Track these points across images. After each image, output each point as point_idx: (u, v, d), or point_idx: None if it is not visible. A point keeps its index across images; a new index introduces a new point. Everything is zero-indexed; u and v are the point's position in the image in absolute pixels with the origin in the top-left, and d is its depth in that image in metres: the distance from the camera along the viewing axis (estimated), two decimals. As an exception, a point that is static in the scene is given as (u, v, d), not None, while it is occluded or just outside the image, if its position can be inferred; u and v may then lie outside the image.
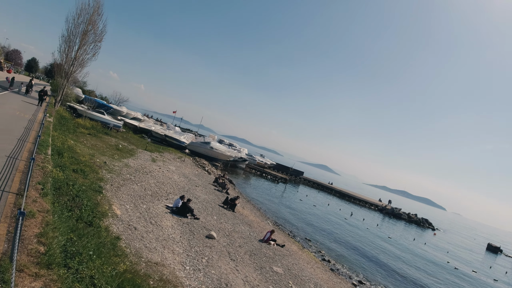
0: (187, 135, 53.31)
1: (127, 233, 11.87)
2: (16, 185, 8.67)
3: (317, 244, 26.64)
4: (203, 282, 10.74)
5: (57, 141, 17.43)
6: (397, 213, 75.02)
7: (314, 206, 49.54)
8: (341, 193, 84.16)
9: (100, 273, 7.01)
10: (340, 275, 20.23)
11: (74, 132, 25.83)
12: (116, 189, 16.23)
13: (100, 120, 37.66)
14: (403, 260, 31.12)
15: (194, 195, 22.66)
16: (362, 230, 41.27)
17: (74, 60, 31.49)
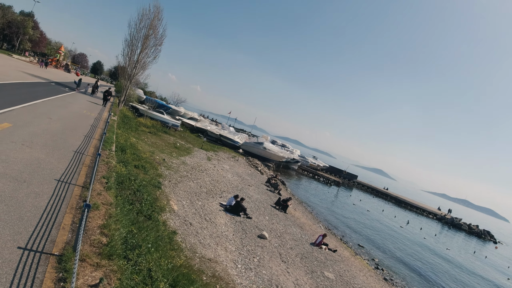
0: (241, 135, 54.07)
1: (183, 228, 12.23)
2: (82, 178, 9.27)
3: (370, 251, 25.66)
4: (254, 282, 10.76)
5: (121, 139, 18.43)
6: (457, 223, 70.03)
7: (368, 211, 47.85)
8: (397, 200, 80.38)
9: (157, 266, 7.26)
10: (393, 285, 19.31)
11: (136, 130, 27.19)
12: (173, 185, 16.82)
13: (160, 120, 39.33)
14: (461, 273, 29.05)
15: (247, 194, 22.87)
16: (418, 240, 39.09)
17: (136, 63, 33.26)
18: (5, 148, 9.06)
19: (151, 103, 48.26)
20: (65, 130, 14.58)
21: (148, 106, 44.78)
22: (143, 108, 41.47)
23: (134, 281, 6.11)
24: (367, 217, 42.53)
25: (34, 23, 76.01)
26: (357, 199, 57.93)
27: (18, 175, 7.74)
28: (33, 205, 6.65)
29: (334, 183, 69.27)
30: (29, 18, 73.22)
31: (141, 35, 32.50)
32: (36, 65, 60.72)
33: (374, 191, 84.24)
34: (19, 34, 70.88)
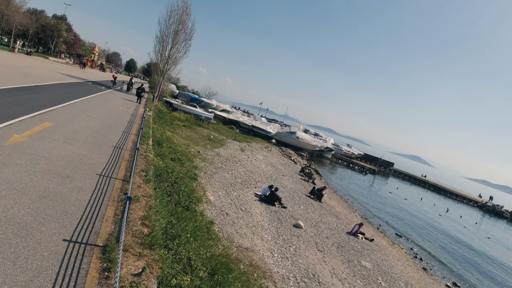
0: (273, 126, 54.06)
1: (220, 218, 12.47)
2: (122, 172, 9.63)
3: (409, 240, 25.07)
4: (290, 271, 10.84)
5: (157, 133, 18.95)
6: (499, 211, 66.65)
7: (405, 199, 46.67)
8: (435, 187, 77.78)
9: (197, 255, 7.46)
10: (433, 275, 18.80)
11: (170, 125, 27.82)
12: (209, 176, 17.13)
13: (193, 113, 40.01)
14: (502, 264, 27.78)
15: (281, 184, 22.92)
16: (459, 228, 37.75)
17: (168, 58, 33.91)
18: (48, 146, 9.53)
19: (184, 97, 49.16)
20: (104, 126, 15.15)
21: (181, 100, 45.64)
22: (176, 102, 42.31)
23: (175, 269, 6.32)
24: (405, 205, 41.51)
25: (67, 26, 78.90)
26: (394, 187, 56.59)
27: (61, 171, 8.13)
28: (76, 199, 6.96)
29: (370, 171, 67.98)
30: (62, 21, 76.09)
31: (171, 31, 33.07)
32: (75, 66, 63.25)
33: (412, 178, 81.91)
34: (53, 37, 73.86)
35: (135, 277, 5.08)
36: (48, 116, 13.33)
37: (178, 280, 6.02)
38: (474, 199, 75.20)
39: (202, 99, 57.66)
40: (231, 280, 7.67)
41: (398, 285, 14.19)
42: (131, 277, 5.05)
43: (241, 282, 8.13)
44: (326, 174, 43.58)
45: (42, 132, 10.73)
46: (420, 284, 15.62)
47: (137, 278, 5.08)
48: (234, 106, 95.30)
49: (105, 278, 4.90)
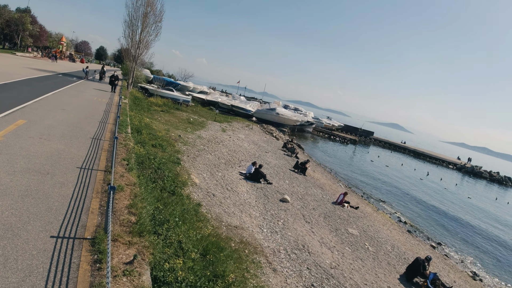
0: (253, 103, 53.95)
1: (207, 199, 12.55)
2: (103, 163, 9.50)
3: (392, 205, 25.88)
4: (280, 244, 11.09)
5: (135, 120, 18.65)
6: (477, 172, 69.36)
7: (387, 166, 47.81)
8: (415, 152, 79.79)
9: (187, 238, 7.54)
10: (417, 237, 19.55)
11: (148, 111, 27.40)
12: (192, 159, 17.10)
13: (170, 97, 39.41)
14: (484, 220, 29.14)
15: (264, 161, 23.09)
16: (439, 191, 39.09)
17: (139, 43, 32.98)
18: (24, 144, 9.29)
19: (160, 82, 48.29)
20: (80, 118, 14.82)
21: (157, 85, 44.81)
22: (152, 87, 41.53)
23: (166, 254, 6.39)
24: (387, 172, 42.58)
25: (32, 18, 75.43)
26: (375, 156, 57.78)
27: (40, 168, 7.97)
28: (59, 195, 6.86)
29: (351, 141, 69.02)
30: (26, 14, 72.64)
31: (140, 13, 32.05)
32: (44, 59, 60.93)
33: (392, 146, 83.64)
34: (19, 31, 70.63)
35: (127, 265, 5.12)
36: (21, 114, 12.92)
37: (171, 263, 6.10)
38: (453, 161, 77.68)
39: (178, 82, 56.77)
40: (223, 258, 7.80)
41: (384, 248, 14.72)
42: (123, 266, 5.09)
43: (233, 260, 8.29)
44: (308, 148, 44.05)
45: (17, 131, 10.42)
46: (406, 246, 16.24)
47: (129, 266, 5.12)
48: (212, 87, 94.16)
49: (97, 269, 4.91)
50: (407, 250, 15.61)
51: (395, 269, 12.92)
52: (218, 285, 6.65)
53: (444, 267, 15.23)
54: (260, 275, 8.53)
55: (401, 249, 15.45)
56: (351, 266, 11.49)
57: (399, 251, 15.01)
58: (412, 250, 15.82)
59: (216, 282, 6.72)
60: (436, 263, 15.12)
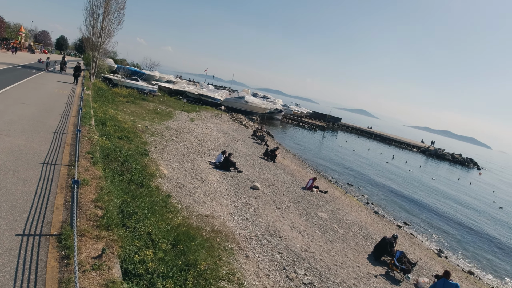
0: (221, 92, 53.61)
1: (176, 190, 12.48)
2: (66, 157, 9.25)
3: (360, 188, 26.72)
4: (252, 230, 11.23)
5: (99, 112, 18.14)
6: (441, 154, 72.90)
7: (354, 151, 49.13)
8: (381, 137, 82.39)
9: (157, 229, 7.51)
10: (384, 217, 20.36)
11: (113, 102, 26.68)
12: (160, 150, 16.89)
13: (136, 87, 38.46)
14: (447, 201, 30.71)
15: (234, 149, 23.12)
16: (404, 173, 40.74)
17: (101, 31, 31.74)
18: (-17, 141, 8.89)
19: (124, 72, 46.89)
20: (41, 112, 14.29)
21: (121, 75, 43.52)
22: (116, 77, 40.33)
23: (136, 246, 6.35)
24: (354, 156, 43.76)
25: (-12, 10, 70.99)
26: (343, 141, 59.16)
27: (1, 165, 7.69)
28: (23, 192, 6.68)
29: (319, 128, 70.19)
30: (-18, 6, 68.23)
31: (101, 0, 30.80)
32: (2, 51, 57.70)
33: (359, 131, 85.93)
34: (-27, 24, 66.38)
35: (96, 260, 5.08)
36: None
37: (141, 255, 6.09)
38: (417, 145, 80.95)
39: (143, 71, 55.45)
40: (194, 247, 7.84)
41: (353, 230, 15.22)
42: (92, 260, 5.05)
43: (205, 248, 8.34)
44: (278, 135, 44.44)
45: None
46: (373, 226, 16.86)
47: (98, 260, 5.08)
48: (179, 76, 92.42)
49: (65, 265, 4.87)
50: (374, 230, 16.21)
51: (364, 249, 13.41)
52: (190, 274, 6.69)
53: (411, 245, 15.95)
54: (232, 262, 8.64)
55: (369, 229, 16.03)
56: (321, 248, 11.82)
57: (367, 232, 15.57)
58: (380, 230, 16.45)
59: (188, 271, 6.76)
60: (402, 241, 15.81)
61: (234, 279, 7.81)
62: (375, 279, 11.03)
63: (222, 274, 7.74)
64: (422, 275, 12.61)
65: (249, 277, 8.27)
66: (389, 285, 11.02)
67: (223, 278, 7.65)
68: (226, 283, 7.51)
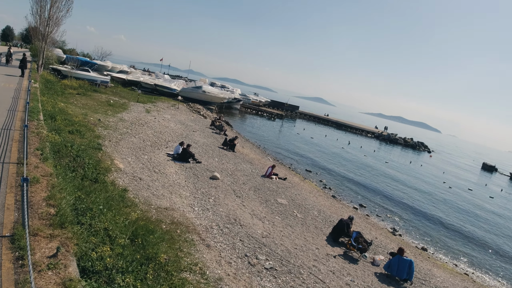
0: (178, 82, 52.54)
1: (133, 184, 12.25)
2: (15, 155, 8.80)
3: (318, 173, 27.52)
4: (213, 220, 11.31)
5: (48, 106, 17.29)
6: (393, 139, 76.57)
7: (312, 138, 50.26)
8: (337, 124, 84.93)
9: (114, 224, 7.38)
10: (341, 200, 21.18)
11: (62, 94, 25.45)
12: (115, 144, 16.42)
13: (87, 78, 36.80)
14: (400, 182, 32.37)
15: (193, 140, 22.93)
16: (359, 157, 42.35)
17: (48, 20, 29.96)
18: None
19: (74, 62, 44.62)
20: (-18, 107, 13.38)
21: (71, 66, 41.42)
22: (65, 69, 38.32)
23: (92, 243, 6.23)
24: (312, 143, 44.82)
25: None
26: (301, 129, 60.30)
27: None
28: (-31, 193, 6.34)
29: (278, 116, 70.96)
30: None
31: (49, -13, 28.98)
32: None
33: (316, 118, 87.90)
34: None
35: (51, 259, 5.02)
36: None
37: (99, 252, 6.00)
38: (372, 130, 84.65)
39: (94, 61, 53.07)
40: (154, 240, 7.80)
41: (312, 214, 15.72)
42: (47, 260, 4.99)
43: (165, 241, 8.32)
44: (236, 124, 44.48)
45: None
46: (331, 209, 17.51)
47: (53, 259, 5.02)
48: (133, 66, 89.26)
49: (20, 266, 4.78)
50: (332, 213, 16.84)
51: (322, 232, 13.94)
52: (151, 268, 6.67)
53: (367, 226, 16.78)
54: (194, 253, 8.69)
55: (327, 213, 16.63)
56: (281, 233, 12.14)
57: (325, 215, 16.15)
58: (337, 213, 17.11)
59: (148, 265, 6.74)
60: (359, 222, 16.58)
61: (196, 269, 7.88)
62: (334, 259, 11.53)
63: (184, 265, 7.78)
64: (378, 253, 13.34)
65: (211, 266, 8.37)
66: (347, 264, 11.56)
67: (185, 269, 7.69)
68: (189, 274, 7.57)
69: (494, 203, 33.67)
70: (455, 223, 22.57)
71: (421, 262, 13.91)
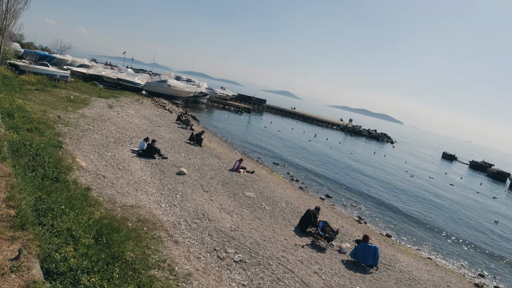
0: (141, 76, 51.32)
1: (97, 182, 11.98)
2: (-31, 156, 8.40)
3: (285, 166, 27.93)
4: (180, 216, 11.28)
5: (4, 103, 16.53)
6: (358, 130, 79.12)
7: (279, 131, 50.79)
8: (304, 117, 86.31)
9: (77, 224, 7.24)
10: (309, 191, 21.66)
11: (20, 90, 24.31)
12: (76, 141, 15.94)
13: (45, 73, 35.26)
14: (365, 173, 33.47)
15: (158, 135, 22.61)
16: (325, 149, 43.37)
17: (6, 13, 28.46)
18: None
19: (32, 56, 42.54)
20: None
21: (29, 60, 39.47)
22: (23, 63, 36.50)
23: (55, 244, 6.11)
24: (279, 136, 45.32)
25: None
26: (268, 122, 60.72)
27: None
28: None
29: (245, 110, 71.01)
30: None
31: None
32: None
33: (283, 112, 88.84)
34: None
35: (14, 262, 4.93)
36: None
37: (62, 253, 5.89)
38: (337, 123, 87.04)
39: (54, 55, 50.83)
40: (119, 239, 7.71)
41: (280, 205, 16.00)
42: (10, 262, 4.89)
43: (131, 239, 8.24)
44: (203, 119, 44.17)
45: None
46: (299, 201, 17.87)
47: (15, 262, 4.93)
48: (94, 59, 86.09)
49: (-16, 271, 4.66)
50: (300, 204, 17.21)
51: (290, 223, 14.24)
52: (117, 266, 6.62)
53: (333, 215, 17.29)
54: (162, 249, 8.67)
55: (295, 204, 16.97)
56: (250, 226, 12.30)
57: (293, 206, 16.49)
58: (304, 204, 17.49)
59: (115, 264, 6.68)
60: (325, 212, 17.06)
61: (164, 266, 7.87)
62: (302, 249, 11.84)
63: (151, 263, 7.76)
64: (344, 241, 13.82)
65: (180, 262, 8.39)
66: (315, 253, 11.90)
67: (153, 266, 7.68)
68: (157, 271, 7.56)
69: (453, 191, 35.61)
70: (417, 211, 23.67)
71: (385, 248, 14.52)
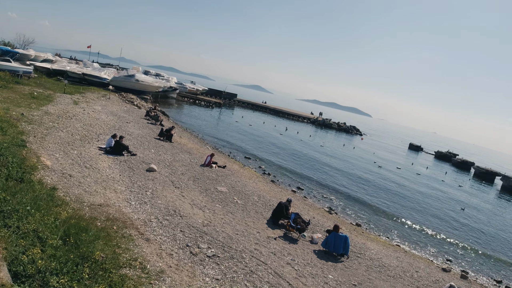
0: (108, 70, 49.89)
1: (63, 181, 11.64)
2: None
3: (257, 160, 28.10)
4: (151, 213, 11.16)
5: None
6: (328, 124, 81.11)
7: (250, 125, 50.95)
8: (275, 111, 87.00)
9: (43, 225, 7.04)
10: (280, 185, 21.94)
11: (-22, 87, 23.13)
12: (40, 140, 15.38)
13: (7, 69, 33.67)
14: (335, 165, 34.21)
15: (126, 131, 22.15)
16: (296, 142, 43.99)
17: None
18: None
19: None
20: None
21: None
22: (-16, 60, 34.69)
23: (21, 246, 5.94)
24: (250, 130, 45.46)
25: None
26: (239, 116, 60.71)
27: None
28: None
29: (216, 104, 70.57)
30: None
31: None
32: None
33: (254, 106, 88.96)
34: None
35: None
36: None
37: (29, 255, 5.74)
38: (307, 116, 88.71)
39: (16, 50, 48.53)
40: (88, 239, 7.57)
41: (252, 199, 16.13)
42: None
43: (101, 238, 8.10)
44: (173, 114, 43.58)
45: None
46: (270, 194, 18.08)
47: None
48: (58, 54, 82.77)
49: None
50: (271, 197, 17.41)
51: (263, 216, 14.40)
52: (87, 267, 6.50)
53: (305, 207, 17.63)
54: (133, 248, 8.57)
55: (267, 197, 17.16)
56: (222, 221, 12.34)
57: (265, 200, 16.67)
58: (276, 197, 17.71)
59: (84, 265, 6.55)
60: (297, 204, 17.36)
61: (136, 265, 7.79)
62: (275, 241, 12.03)
63: (122, 262, 7.66)
64: (316, 232, 14.17)
65: (152, 259, 8.32)
66: (288, 245, 12.12)
67: (124, 265, 7.58)
68: (128, 270, 7.47)
69: (420, 181, 36.99)
70: (385, 201, 24.48)
71: (356, 237, 14.99)
